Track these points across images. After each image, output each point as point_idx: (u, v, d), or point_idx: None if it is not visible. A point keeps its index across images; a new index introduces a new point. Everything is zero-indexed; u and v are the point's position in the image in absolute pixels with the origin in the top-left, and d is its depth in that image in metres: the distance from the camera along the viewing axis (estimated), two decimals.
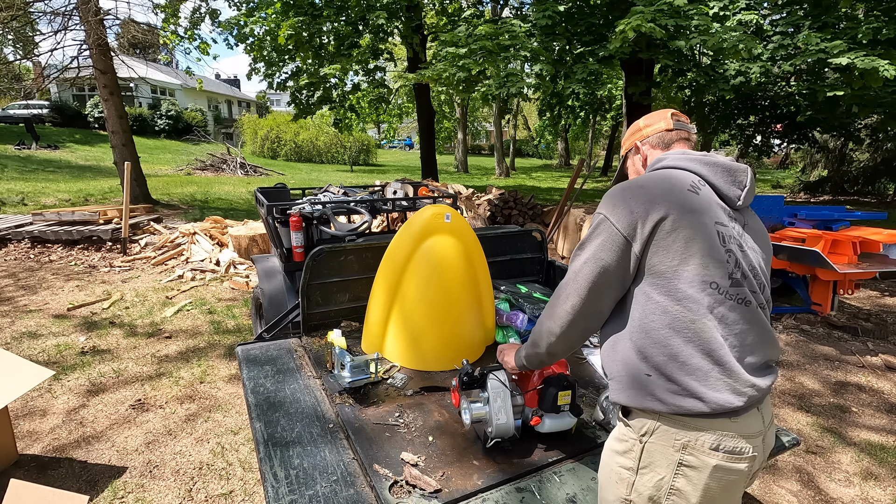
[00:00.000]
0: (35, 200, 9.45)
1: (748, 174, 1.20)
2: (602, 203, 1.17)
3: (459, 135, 25.05)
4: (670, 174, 1.18)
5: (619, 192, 1.14)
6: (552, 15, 6.90)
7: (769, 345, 1.14)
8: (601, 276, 1.11)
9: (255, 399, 1.78)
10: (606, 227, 1.12)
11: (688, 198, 1.11)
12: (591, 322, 1.17)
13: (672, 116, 1.31)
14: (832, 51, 5.73)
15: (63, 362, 3.53)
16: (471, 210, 8.04)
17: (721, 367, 1.04)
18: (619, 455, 1.16)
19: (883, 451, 2.67)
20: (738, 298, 1.09)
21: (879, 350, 3.86)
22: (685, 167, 1.19)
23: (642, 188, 1.12)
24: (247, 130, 27.63)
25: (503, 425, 1.44)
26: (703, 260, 1.06)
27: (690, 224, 1.07)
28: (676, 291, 1.07)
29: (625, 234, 1.09)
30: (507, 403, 1.46)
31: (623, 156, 1.45)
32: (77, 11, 8.44)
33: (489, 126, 36.06)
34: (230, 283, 5.44)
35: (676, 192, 1.11)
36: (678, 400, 1.05)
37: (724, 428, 1.05)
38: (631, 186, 1.14)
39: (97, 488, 2.30)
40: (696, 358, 1.05)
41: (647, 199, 1.09)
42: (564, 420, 1.51)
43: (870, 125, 12.63)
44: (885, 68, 5.38)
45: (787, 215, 4.96)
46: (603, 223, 1.13)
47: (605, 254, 1.10)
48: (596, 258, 1.11)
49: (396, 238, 2.12)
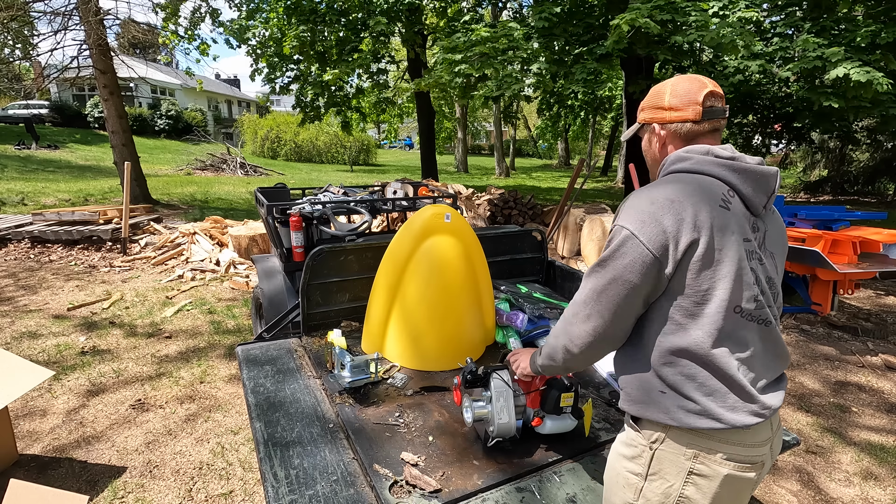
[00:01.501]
0: (35, 200, 9.45)
1: (777, 178, 1.12)
2: (626, 215, 1.06)
3: (459, 135, 25.05)
4: (701, 183, 1.06)
5: (648, 205, 1.03)
6: (549, 17, 6.91)
7: (783, 359, 1.13)
8: (628, 298, 1.03)
9: (255, 399, 1.78)
10: (634, 245, 1.02)
11: (720, 215, 1.03)
12: (614, 343, 1.12)
13: (706, 100, 1.11)
14: (831, 58, 5.74)
15: (63, 362, 3.53)
16: (471, 210, 8.04)
17: (739, 390, 1.02)
18: (627, 460, 1.13)
19: (883, 451, 2.67)
20: (759, 319, 1.06)
21: (879, 350, 3.86)
22: (714, 174, 1.08)
23: (673, 203, 1.02)
24: (247, 130, 27.64)
25: (505, 425, 1.44)
26: (732, 284, 1.01)
27: (722, 246, 1.01)
28: (701, 316, 1.02)
29: (656, 255, 1.00)
30: (510, 403, 1.46)
31: (639, 123, 1.27)
32: (77, 11, 8.44)
33: (489, 126, 36.06)
34: (230, 283, 5.44)
35: (709, 208, 1.02)
36: (693, 419, 1.03)
37: (737, 440, 1.04)
38: (660, 200, 1.03)
39: (97, 488, 2.30)
40: (713, 380, 1.02)
41: (679, 216, 1.00)
42: (566, 422, 1.51)
43: (867, 127, 12.65)
44: (878, 82, 5.40)
45: (788, 215, 4.96)
46: (630, 241, 1.02)
47: (633, 275, 1.02)
48: (623, 280, 1.02)
49: (396, 238, 2.12)
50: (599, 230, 5.78)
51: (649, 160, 1.25)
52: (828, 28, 6.63)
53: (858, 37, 5.99)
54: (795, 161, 17.58)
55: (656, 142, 1.20)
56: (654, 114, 1.18)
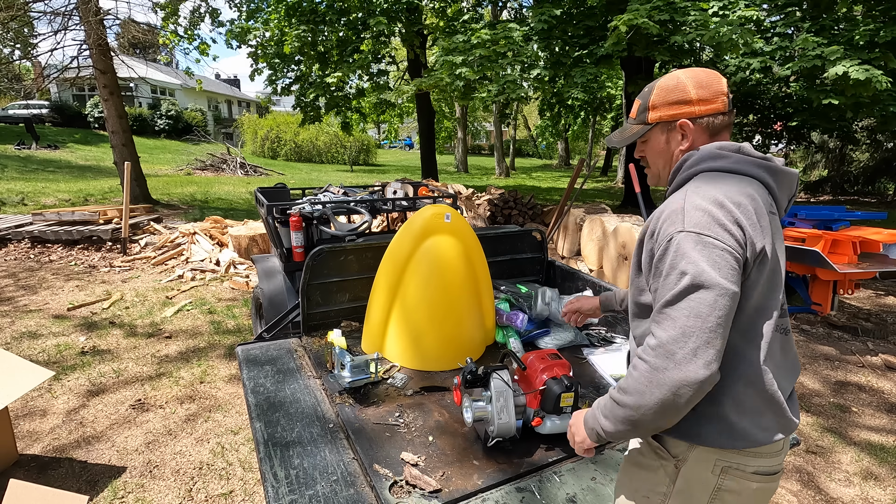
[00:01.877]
0: (35, 200, 9.46)
1: (798, 181, 1.07)
2: (693, 219, 0.91)
3: (459, 135, 25.05)
4: (750, 185, 0.98)
5: (714, 207, 0.92)
6: (548, 19, 6.92)
7: (798, 370, 1.10)
8: (731, 312, 0.89)
9: (255, 399, 1.78)
10: (720, 249, 0.88)
11: (772, 222, 0.96)
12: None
13: (727, 88, 1.05)
14: (829, 56, 5.75)
15: (63, 362, 3.53)
16: (471, 210, 8.04)
17: (774, 407, 0.98)
18: (647, 471, 1.07)
19: (883, 451, 2.67)
20: (782, 329, 1.02)
21: (879, 350, 3.86)
22: (754, 175, 1.00)
23: (739, 206, 0.92)
24: (247, 130, 27.64)
25: (505, 425, 1.44)
26: (778, 296, 0.95)
27: (775, 255, 0.94)
28: (754, 333, 0.94)
29: (745, 255, 0.91)
30: (510, 403, 1.46)
31: (646, 123, 1.12)
32: (77, 11, 8.44)
33: (489, 126, 36.07)
34: (230, 283, 5.44)
35: (765, 214, 0.95)
36: (724, 439, 0.98)
37: (765, 451, 1.00)
38: (724, 203, 0.92)
39: (97, 488, 2.30)
40: (751, 399, 0.97)
41: (748, 221, 0.92)
42: (566, 422, 1.51)
43: (866, 127, 12.65)
44: (877, 79, 5.42)
45: (788, 215, 4.96)
46: (712, 245, 0.88)
47: (731, 283, 0.88)
48: (723, 289, 0.87)
49: (396, 238, 2.12)
50: (599, 230, 5.78)
51: (661, 162, 1.13)
52: (827, 27, 6.64)
53: (857, 35, 6.00)
54: (795, 161, 17.59)
55: (680, 139, 1.08)
56: (679, 109, 1.06)
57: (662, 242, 0.94)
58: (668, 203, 1.00)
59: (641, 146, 1.17)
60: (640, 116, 1.13)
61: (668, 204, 1.00)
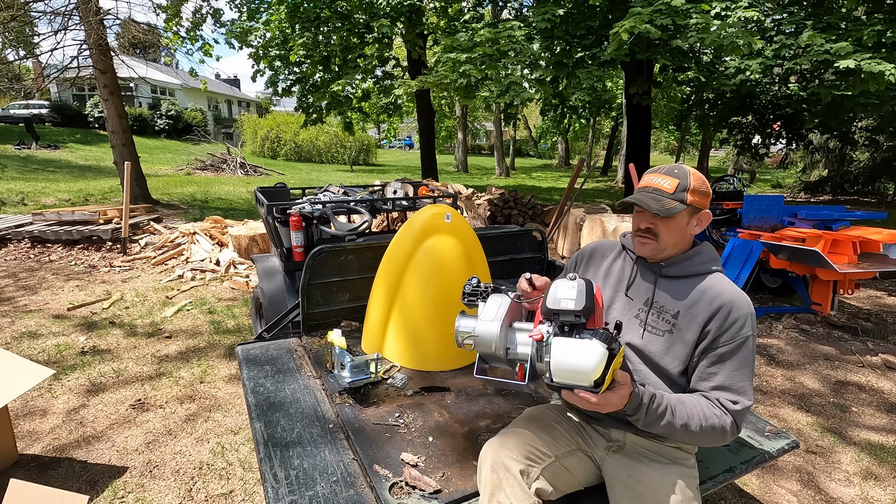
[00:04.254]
0: (35, 200, 9.45)
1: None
2: (753, 324, 1.27)
3: (459, 135, 25.04)
4: None
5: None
6: (551, 18, 6.90)
7: None
8: None
9: (255, 399, 1.78)
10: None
11: None
12: None
13: None
14: (839, 52, 5.72)
15: (63, 362, 3.53)
16: (471, 210, 8.04)
17: None
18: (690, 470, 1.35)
19: (883, 451, 2.67)
20: None
21: (879, 350, 3.86)
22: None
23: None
24: (247, 130, 27.63)
25: (487, 325, 1.19)
26: None
27: None
28: None
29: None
30: (504, 304, 1.23)
31: (684, 202, 1.27)
32: (77, 11, 8.44)
33: (489, 126, 36.06)
34: (230, 282, 5.44)
35: None
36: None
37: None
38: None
39: (97, 488, 2.30)
40: None
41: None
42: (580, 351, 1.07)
43: (865, 127, 12.64)
44: (890, 72, 5.38)
45: (788, 215, 4.96)
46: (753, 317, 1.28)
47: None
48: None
49: (396, 238, 2.12)
50: (599, 230, 5.77)
51: (678, 238, 1.32)
52: (833, 25, 6.62)
53: (865, 36, 5.97)
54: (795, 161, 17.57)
55: (697, 226, 1.33)
56: (706, 200, 1.32)
57: (736, 340, 1.25)
58: (727, 298, 1.27)
59: (658, 220, 1.30)
60: (678, 195, 1.28)
61: (727, 299, 1.27)
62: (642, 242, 1.33)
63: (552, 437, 1.35)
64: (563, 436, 1.38)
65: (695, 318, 1.27)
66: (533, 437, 1.33)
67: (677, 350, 1.30)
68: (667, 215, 1.26)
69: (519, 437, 1.32)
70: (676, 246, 1.33)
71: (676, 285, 1.33)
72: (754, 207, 4.91)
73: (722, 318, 1.25)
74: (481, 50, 6.58)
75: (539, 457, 1.30)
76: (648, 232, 1.32)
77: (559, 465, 1.32)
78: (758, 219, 4.90)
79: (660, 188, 1.29)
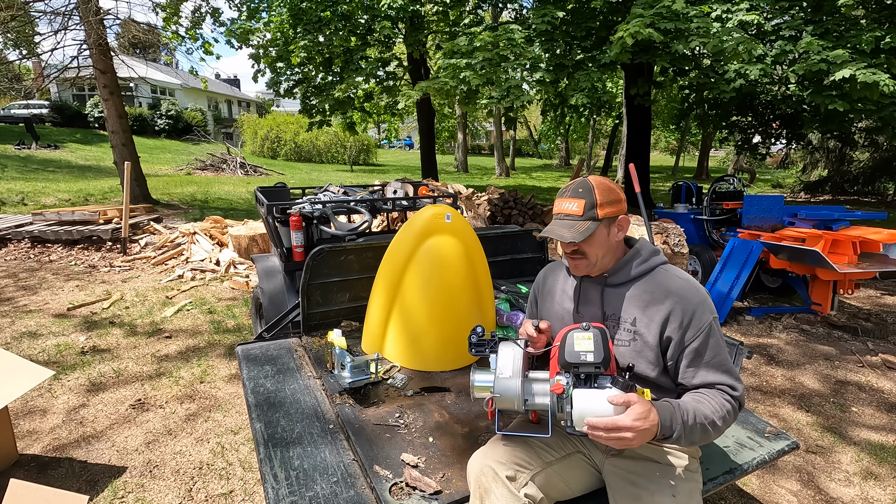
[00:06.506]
0: (35, 200, 9.45)
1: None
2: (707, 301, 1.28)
3: (459, 135, 25.04)
4: None
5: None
6: (551, 20, 6.89)
7: None
8: None
9: (255, 399, 1.78)
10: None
11: None
12: None
13: None
14: (835, 60, 5.72)
15: (63, 362, 3.53)
16: (471, 210, 8.04)
17: None
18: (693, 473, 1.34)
19: (883, 451, 2.67)
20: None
21: (879, 350, 3.86)
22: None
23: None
24: (247, 130, 27.62)
25: (506, 382, 1.21)
26: None
27: None
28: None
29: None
30: (518, 357, 1.25)
31: (595, 219, 1.29)
32: (77, 11, 8.43)
33: (489, 126, 36.06)
34: (230, 282, 5.44)
35: None
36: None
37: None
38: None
39: (97, 488, 2.30)
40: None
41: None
42: (599, 401, 1.18)
43: (865, 128, 12.63)
44: (885, 83, 5.39)
45: (787, 215, 4.96)
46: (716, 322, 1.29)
47: None
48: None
49: (397, 238, 2.12)
50: None
51: (605, 250, 1.34)
52: (831, 30, 6.61)
53: (863, 42, 5.97)
54: (795, 161, 17.57)
55: (620, 231, 1.36)
56: (619, 207, 1.33)
57: (702, 330, 1.25)
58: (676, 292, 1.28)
59: (579, 242, 1.31)
60: (589, 213, 1.30)
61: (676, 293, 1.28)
62: (574, 264, 1.37)
63: (543, 443, 1.34)
64: (555, 441, 1.36)
65: (652, 319, 1.29)
66: (522, 443, 1.32)
67: (647, 354, 1.30)
68: (582, 238, 1.27)
69: (507, 444, 1.31)
70: (607, 256, 1.35)
71: (625, 291, 1.34)
72: (754, 207, 4.91)
73: (679, 314, 1.26)
74: (481, 55, 6.58)
75: (529, 462, 1.28)
76: (575, 253, 1.34)
77: (551, 471, 1.30)
78: (758, 219, 4.90)
79: (570, 213, 1.32)
